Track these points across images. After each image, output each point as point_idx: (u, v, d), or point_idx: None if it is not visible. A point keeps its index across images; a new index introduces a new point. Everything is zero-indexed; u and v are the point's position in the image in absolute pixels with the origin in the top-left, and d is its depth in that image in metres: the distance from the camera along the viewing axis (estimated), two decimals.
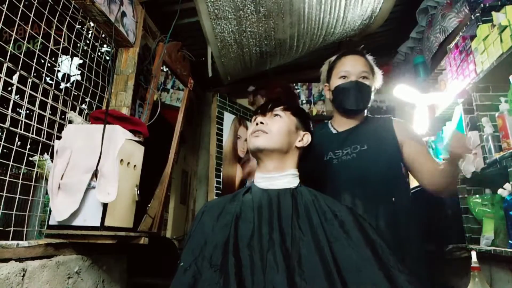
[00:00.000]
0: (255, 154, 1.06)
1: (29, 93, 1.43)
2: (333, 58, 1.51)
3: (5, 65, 1.32)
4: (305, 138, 1.11)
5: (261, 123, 1.05)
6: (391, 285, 0.82)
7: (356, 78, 1.38)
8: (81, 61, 1.90)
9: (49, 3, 1.52)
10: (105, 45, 1.92)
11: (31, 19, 1.47)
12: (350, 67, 1.40)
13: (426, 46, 2.47)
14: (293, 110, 1.11)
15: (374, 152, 1.32)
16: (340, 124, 1.45)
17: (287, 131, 1.06)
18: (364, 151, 1.33)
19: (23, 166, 1.41)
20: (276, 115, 1.08)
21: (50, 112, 1.53)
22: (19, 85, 1.38)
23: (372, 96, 1.44)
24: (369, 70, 1.42)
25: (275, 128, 1.05)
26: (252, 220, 0.94)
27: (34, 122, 1.43)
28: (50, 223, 1.38)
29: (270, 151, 1.03)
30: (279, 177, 1.02)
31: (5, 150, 1.33)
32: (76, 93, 1.74)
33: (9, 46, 1.38)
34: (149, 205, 1.84)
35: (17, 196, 1.37)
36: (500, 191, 1.41)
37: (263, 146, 1.03)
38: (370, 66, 1.45)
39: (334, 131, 1.45)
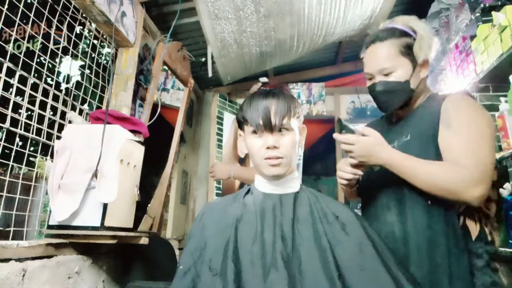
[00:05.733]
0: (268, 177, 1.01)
1: (29, 93, 1.43)
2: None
3: (5, 65, 1.32)
4: (303, 134, 1.06)
5: (274, 147, 0.95)
6: (394, 282, 0.82)
7: (380, 78, 1.12)
8: (81, 61, 1.90)
9: (49, 3, 1.52)
10: (105, 46, 1.92)
11: (31, 19, 1.47)
12: (370, 66, 1.14)
13: (442, 47, 2.49)
14: (295, 115, 1.00)
15: (415, 143, 1.08)
16: (397, 113, 1.23)
17: (295, 144, 0.99)
18: (406, 142, 1.10)
19: (23, 166, 1.41)
20: (284, 129, 0.97)
21: (50, 112, 1.53)
22: (19, 85, 1.38)
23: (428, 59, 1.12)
24: (395, 57, 1.10)
25: (287, 150, 0.96)
26: (254, 224, 0.93)
27: (34, 122, 1.43)
28: (50, 223, 1.38)
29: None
30: (281, 183, 1.01)
31: (6, 151, 1.33)
32: (76, 93, 1.74)
33: (9, 46, 1.38)
34: (149, 205, 1.84)
35: (17, 196, 1.37)
36: (500, 191, 1.41)
37: (282, 173, 0.98)
38: (400, 49, 1.10)
39: (387, 123, 1.26)
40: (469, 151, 0.97)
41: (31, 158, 1.55)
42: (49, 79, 1.76)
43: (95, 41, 1.91)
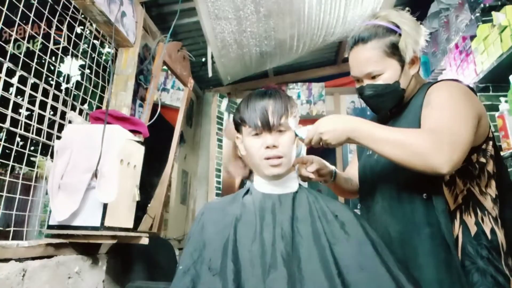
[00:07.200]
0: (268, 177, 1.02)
1: (29, 93, 1.43)
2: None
3: (5, 65, 1.32)
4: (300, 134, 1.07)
5: (274, 146, 0.96)
6: (394, 281, 0.82)
7: (368, 81, 1.08)
8: (81, 61, 1.90)
9: (49, 3, 1.52)
10: (105, 46, 1.92)
11: (31, 19, 1.47)
12: (355, 70, 1.10)
13: (442, 47, 2.49)
14: (292, 114, 1.02)
15: None
16: (390, 111, 1.19)
17: (293, 143, 1.01)
18: None
19: (23, 166, 1.41)
20: (281, 130, 0.98)
21: (50, 112, 1.53)
22: (19, 85, 1.38)
23: (411, 50, 1.03)
24: (380, 60, 1.04)
25: (286, 149, 0.98)
26: (253, 224, 0.93)
27: (34, 122, 1.43)
28: (50, 223, 1.38)
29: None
30: (280, 183, 1.01)
31: (6, 151, 1.33)
32: (76, 93, 1.74)
33: (9, 46, 1.38)
34: (149, 205, 1.84)
35: (17, 196, 1.38)
36: None
37: (282, 173, 0.99)
38: (384, 50, 1.03)
39: (380, 120, 1.19)
40: (443, 121, 0.92)
41: (31, 158, 1.55)
42: (49, 79, 1.76)
43: (95, 41, 1.91)
